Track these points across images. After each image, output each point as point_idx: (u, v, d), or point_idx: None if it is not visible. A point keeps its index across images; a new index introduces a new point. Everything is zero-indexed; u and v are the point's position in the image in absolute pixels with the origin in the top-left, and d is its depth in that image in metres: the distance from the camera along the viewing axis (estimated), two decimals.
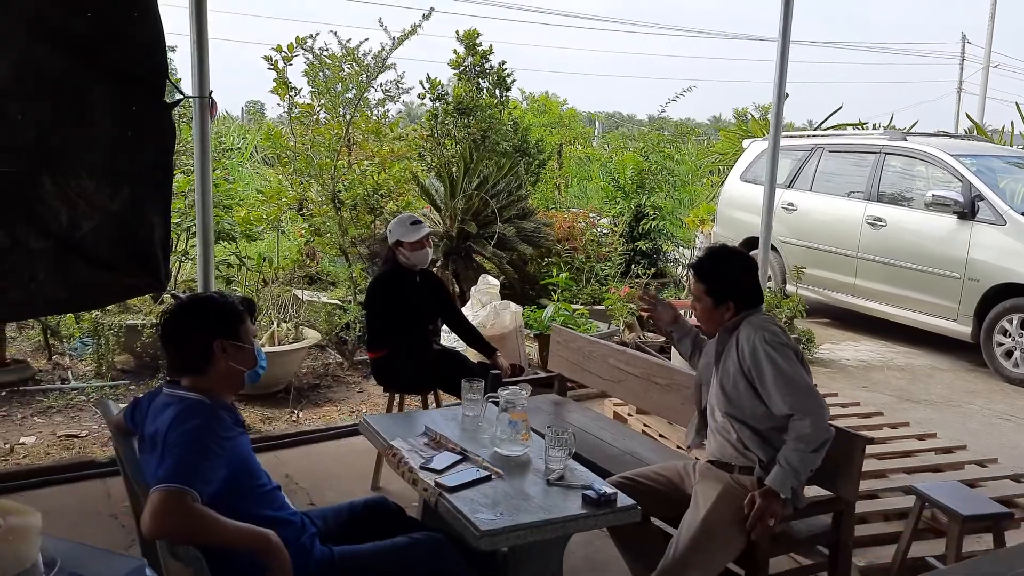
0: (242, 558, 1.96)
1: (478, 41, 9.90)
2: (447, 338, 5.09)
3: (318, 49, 6.41)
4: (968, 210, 6.47)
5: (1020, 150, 9.31)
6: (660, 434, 4.33)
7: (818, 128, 12.50)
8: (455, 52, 9.94)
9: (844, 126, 12.19)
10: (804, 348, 6.43)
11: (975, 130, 12.69)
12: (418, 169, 8.03)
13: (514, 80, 10.11)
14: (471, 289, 6.25)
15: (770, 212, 6.19)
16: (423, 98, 9.22)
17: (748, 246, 7.61)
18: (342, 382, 5.58)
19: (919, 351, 6.99)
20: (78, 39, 2.95)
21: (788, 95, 6.06)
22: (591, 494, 2.23)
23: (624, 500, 2.27)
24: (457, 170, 7.41)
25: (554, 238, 7.57)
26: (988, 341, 6.31)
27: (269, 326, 5.44)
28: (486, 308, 5.72)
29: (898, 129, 11.04)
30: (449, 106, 9.05)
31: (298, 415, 4.91)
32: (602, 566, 3.18)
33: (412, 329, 3.96)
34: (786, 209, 7.91)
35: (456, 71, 9.95)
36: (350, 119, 6.56)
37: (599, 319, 6.52)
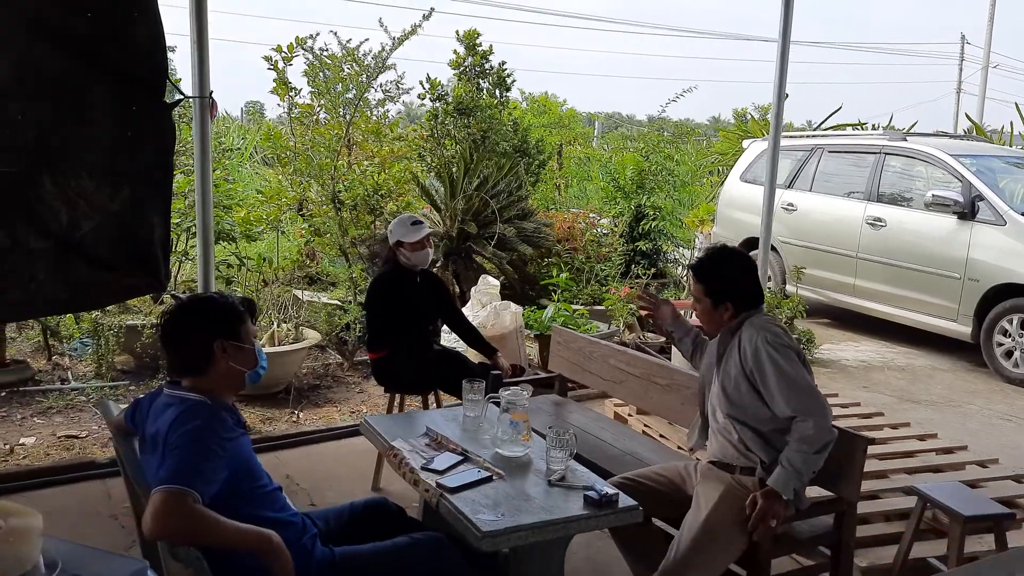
0: (243, 559, 1.96)
1: (478, 41, 9.91)
2: (447, 338, 5.09)
3: (318, 49, 6.41)
4: (968, 210, 6.47)
5: (1020, 150, 9.31)
6: (661, 434, 4.33)
7: (817, 128, 12.50)
8: (455, 52, 9.94)
9: (843, 126, 12.19)
10: (804, 348, 6.42)
11: (974, 130, 12.70)
12: (418, 169, 8.03)
13: (514, 80, 10.13)
14: (471, 289, 6.25)
15: (770, 212, 6.17)
16: (423, 98, 9.23)
17: (748, 246, 7.61)
18: (342, 382, 5.57)
19: (919, 351, 7.00)
20: (78, 39, 2.95)
21: (788, 95, 6.06)
22: (593, 495, 2.23)
23: (626, 501, 2.26)
24: (457, 170, 7.41)
25: (554, 238, 7.57)
26: (988, 341, 6.31)
27: (269, 326, 5.44)
28: (486, 308, 5.72)
29: (898, 129, 11.03)
30: (449, 106, 9.05)
31: (298, 415, 4.91)
32: (603, 567, 3.18)
33: (413, 329, 3.96)
34: (786, 209, 7.91)
35: (456, 71, 9.96)
36: (350, 119, 6.55)
37: (599, 319, 6.52)
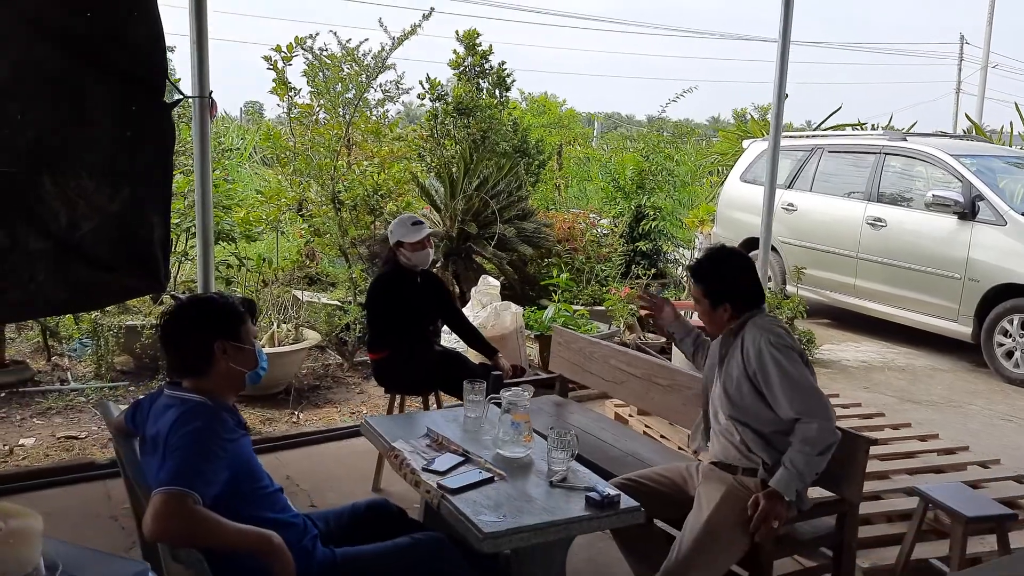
0: (244, 560, 1.95)
1: (478, 41, 9.91)
2: (447, 339, 5.08)
3: (318, 49, 6.40)
4: (968, 210, 6.47)
5: (1020, 150, 9.31)
6: (661, 435, 4.32)
7: (817, 128, 12.50)
8: (455, 52, 9.94)
9: (843, 126, 12.19)
10: (805, 349, 6.41)
11: (974, 130, 12.70)
12: (418, 169, 8.02)
13: (514, 80, 10.13)
14: (471, 290, 6.24)
15: (770, 212, 6.17)
16: (423, 98, 9.23)
17: (748, 247, 7.61)
18: (342, 383, 5.57)
19: (920, 352, 6.99)
20: (78, 39, 2.94)
21: (788, 95, 6.05)
22: (594, 496, 2.22)
23: (627, 502, 2.26)
24: (457, 170, 7.40)
25: (554, 239, 7.56)
26: (989, 342, 6.30)
27: (269, 327, 5.43)
28: (486, 309, 5.71)
29: (897, 129, 11.03)
30: (449, 106, 9.04)
31: (298, 416, 4.90)
32: (605, 568, 3.17)
33: (413, 330, 3.95)
34: (786, 209, 7.90)
35: (456, 71, 9.96)
36: (349, 119, 6.54)
37: (599, 320, 6.51)
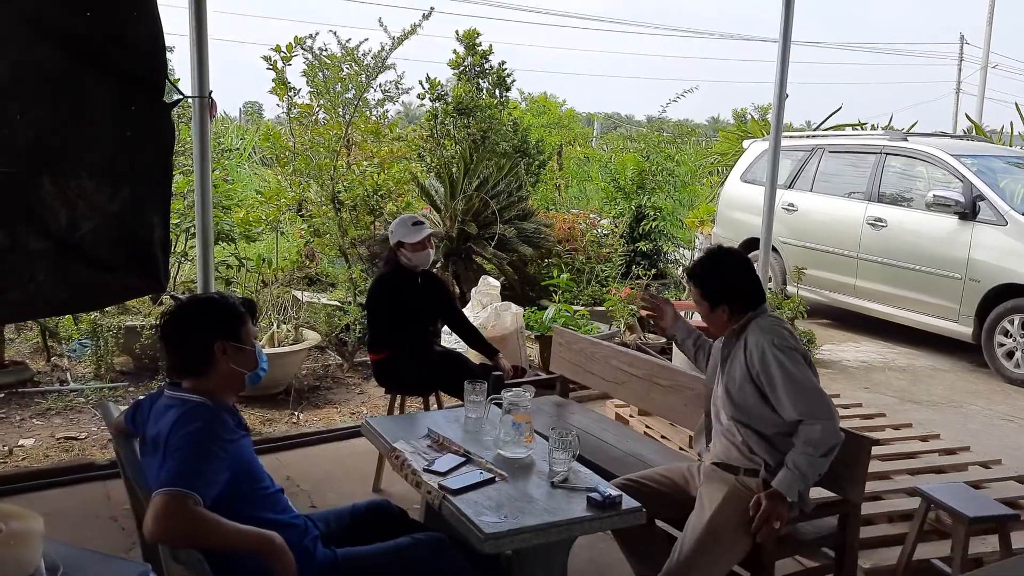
0: (245, 561, 1.94)
1: (478, 41, 9.90)
2: (447, 339, 5.08)
3: (317, 49, 6.39)
4: (969, 210, 6.47)
5: (1020, 150, 9.31)
6: (662, 435, 4.31)
7: (817, 128, 12.50)
8: (455, 52, 9.93)
9: (843, 127, 12.19)
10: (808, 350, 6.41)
11: (974, 130, 12.70)
12: (418, 170, 8.01)
13: (514, 80, 10.12)
14: (471, 290, 6.23)
15: (771, 213, 6.16)
16: (423, 98, 9.21)
17: (748, 247, 7.61)
18: (342, 383, 5.56)
19: (920, 352, 6.99)
20: (78, 39, 2.94)
21: (788, 95, 6.05)
22: (596, 497, 2.22)
23: (629, 502, 2.25)
24: (457, 171, 7.39)
25: (554, 239, 7.56)
26: (989, 342, 6.30)
27: (269, 327, 5.42)
28: (487, 309, 5.70)
29: (898, 129, 11.03)
30: (449, 106, 9.04)
31: (298, 417, 4.90)
32: (606, 569, 3.17)
33: (414, 330, 3.94)
34: (786, 210, 7.90)
35: (456, 71, 9.95)
36: (349, 119, 6.54)
37: (600, 320, 6.50)
